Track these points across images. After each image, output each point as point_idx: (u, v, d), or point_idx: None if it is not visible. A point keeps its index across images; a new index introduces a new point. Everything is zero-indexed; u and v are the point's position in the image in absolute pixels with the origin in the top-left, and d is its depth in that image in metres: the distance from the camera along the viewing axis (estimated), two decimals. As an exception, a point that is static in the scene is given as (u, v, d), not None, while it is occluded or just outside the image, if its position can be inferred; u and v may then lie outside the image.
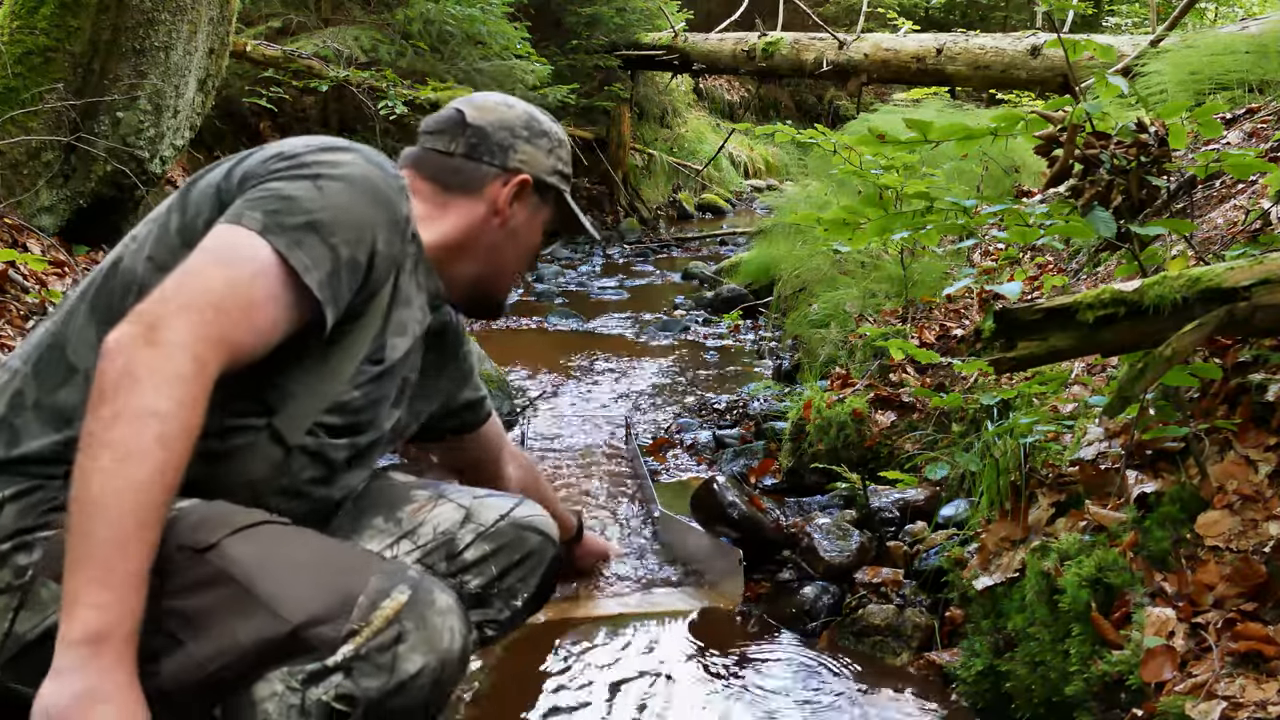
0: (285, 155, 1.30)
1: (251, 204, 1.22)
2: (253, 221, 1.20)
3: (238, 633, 1.12)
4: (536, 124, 1.61)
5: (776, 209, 6.74)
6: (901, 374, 3.11)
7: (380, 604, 1.15)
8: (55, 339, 1.30)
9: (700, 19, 10.87)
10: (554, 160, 1.62)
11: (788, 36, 8.75)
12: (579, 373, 4.55)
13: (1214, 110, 2.05)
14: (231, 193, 1.28)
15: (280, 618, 1.12)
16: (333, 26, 7.39)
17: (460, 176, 1.55)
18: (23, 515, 1.20)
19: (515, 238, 1.60)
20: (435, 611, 1.19)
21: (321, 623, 1.13)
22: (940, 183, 3.54)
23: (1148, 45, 5.06)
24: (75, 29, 3.83)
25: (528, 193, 1.58)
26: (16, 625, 1.17)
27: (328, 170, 1.27)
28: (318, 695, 1.12)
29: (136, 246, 1.32)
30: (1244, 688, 1.41)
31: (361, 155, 1.33)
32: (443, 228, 1.53)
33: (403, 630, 1.15)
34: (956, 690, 1.94)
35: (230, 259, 1.18)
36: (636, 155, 10.48)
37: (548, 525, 1.66)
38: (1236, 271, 1.62)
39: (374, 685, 1.13)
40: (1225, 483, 1.68)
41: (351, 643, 1.13)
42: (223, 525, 1.20)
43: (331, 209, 1.24)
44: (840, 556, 2.33)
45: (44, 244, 3.81)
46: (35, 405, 1.24)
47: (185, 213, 1.30)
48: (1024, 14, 14.91)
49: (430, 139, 1.57)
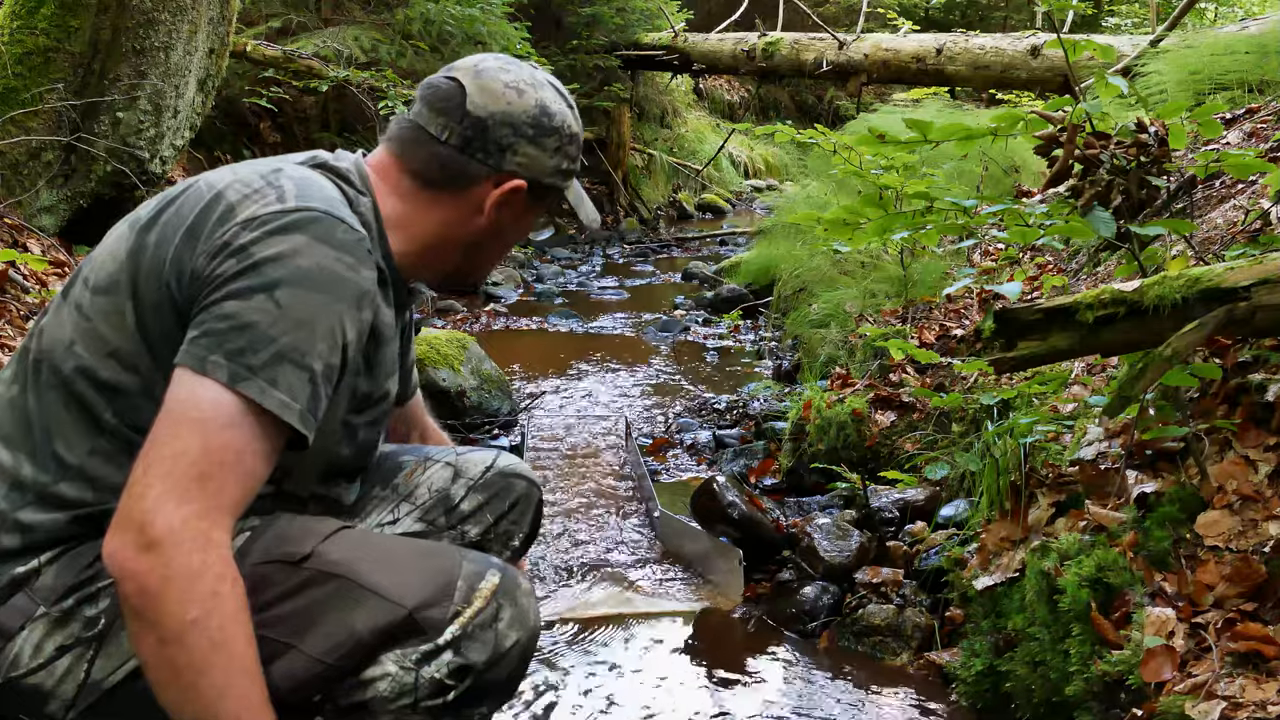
0: (231, 248, 1.18)
1: (211, 341, 1.14)
2: (218, 370, 1.13)
3: (355, 623, 1.19)
4: (546, 120, 1.42)
5: (776, 209, 6.75)
6: (901, 374, 3.11)
7: (477, 586, 1.24)
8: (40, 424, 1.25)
9: (700, 19, 10.87)
10: (559, 160, 1.45)
11: (788, 36, 8.75)
12: (579, 373, 4.55)
13: (1214, 110, 2.05)
14: (184, 294, 1.20)
15: (396, 604, 1.20)
16: (333, 26, 7.40)
17: (446, 173, 1.39)
18: (65, 572, 1.21)
19: (500, 236, 1.47)
20: (522, 592, 1.28)
21: (430, 605, 1.21)
22: (940, 183, 3.54)
23: (1148, 45, 5.06)
24: (75, 29, 3.83)
25: (520, 197, 1.43)
26: (93, 674, 1.20)
27: (281, 274, 1.16)
28: (431, 672, 1.20)
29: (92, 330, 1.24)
30: (1244, 688, 1.41)
31: (312, 232, 1.20)
32: (419, 228, 1.41)
33: (500, 608, 1.24)
34: (956, 690, 1.94)
35: (201, 420, 1.12)
36: (636, 155, 10.48)
37: (528, 470, 1.72)
38: (1236, 271, 1.62)
39: (480, 659, 1.22)
40: (1225, 483, 1.68)
41: (457, 622, 1.22)
42: (311, 535, 1.25)
43: (295, 325, 1.16)
44: (840, 556, 2.33)
45: (44, 244, 3.81)
46: (39, 498, 1.23)
47: (139, 304, 1.23)
48: (1024, 14, 14.91)
49: (425, 113, 1.40)
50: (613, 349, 5.02)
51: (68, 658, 1.20)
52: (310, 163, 1.35)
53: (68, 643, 1.20)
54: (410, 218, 1.40)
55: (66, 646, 1.20)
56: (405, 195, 1.40)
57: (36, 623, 1.20)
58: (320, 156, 1.38)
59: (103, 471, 1.23)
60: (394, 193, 1.39)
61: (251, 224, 1.19)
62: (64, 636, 1.20)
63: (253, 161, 1.35)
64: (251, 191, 1.24)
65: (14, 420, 1.27)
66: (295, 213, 1.21)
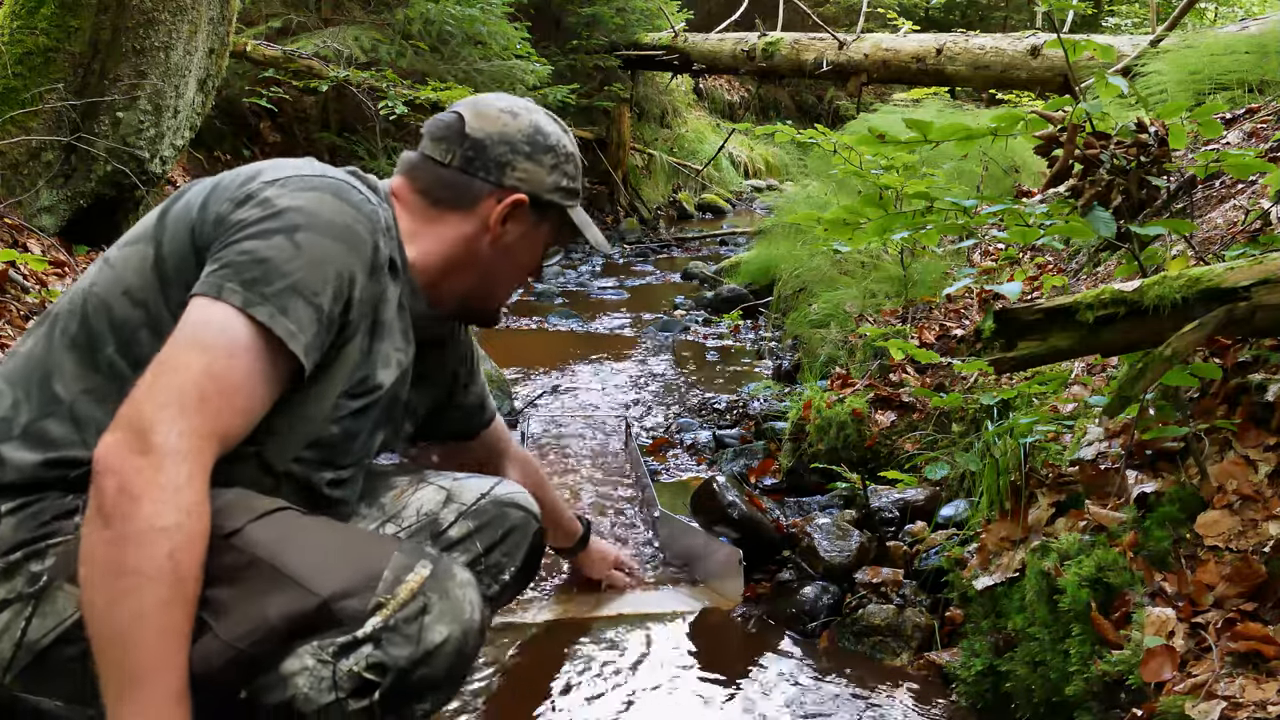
0: (256, 199, 1.27)
1: (228, 271, 1.21)
2: (233, 295, 1.19)
3: (267, 609, 1.16)
4: (540, 139, 1.53)
5: (776, 209, 6.75)
6: (901, 374, 3.11)
7: (404, 578, 1.20)
8: (41, 365, 1.30)
9: (700, 19, 10.87)
10: (557, 177, 1.55)
11: (788, 36, 8.75)
12: (579, 373, 4.55)
13: (1214, 110, 2.05)
14: (206, 235, 1.27)
15: (309, 592, 1.16)
16: (333, 26, 7.39)
17: (452, 191, 1.49)
18: (21, 527, 1.21)
19: (509, 255, 1.55)
20: (456, 585, 1.24)
21: (349, 596, 1.17)
22: (940, 183, 3.54)
23: (1148, 45, 5.06)
24: (75, 29, 3.83)
25: (523, 211, 1.52)
26: (29, 634, 1.19)
27: (301, 220, 1.25)
28: (348, 666, 1.16)
29: (113, 274, 1.32)
30: (1244, 688, 1.41)
31: (332, 191, 1.30)
32: (429, 245, 1.49)
33: (427, 602, 1.20)
34: (956, 690, 1.94)
35: (210, 343, 1.17)
36: (636, 155, 10.48)
37: (528, 501, 1.69)
38: (1236, 271, 1.62)
39: (403, 655, 1.17)
40: (1225, 483, 1.68)
41: (379, 615, 1.17)
42: (245, 511, 1.23)
43: (310, 264, 1.23)
44: (840, 556, 2.33)
45: (44, 244, 3.81)
46: (23, 433, 1.25)
47: (160, 246, 1.30)
48: (1024, 14, 14.91)
49: (430, 144, 1.52)
50: (613, 349, 5.02)
51: (7, 613, 1.18)
52: (342, 168, 1.45)
53: (9, 597, 1.19)
54: (420, 232, 1.49)
55: (7, 601, 1.19)
56: (417, 213, 1.50)
57: None
58: (349, 167, 1.48)
59: (89, 411, 1.24)
60: (408, 211, 1.50)
61: (277, 181, 1.30)
62: (6, 590, 1.19)
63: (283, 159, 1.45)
64: (275, 166, 1.35)
65: (21, 364, 1.32)
66: (319, 177, 1.32)
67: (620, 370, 4.61)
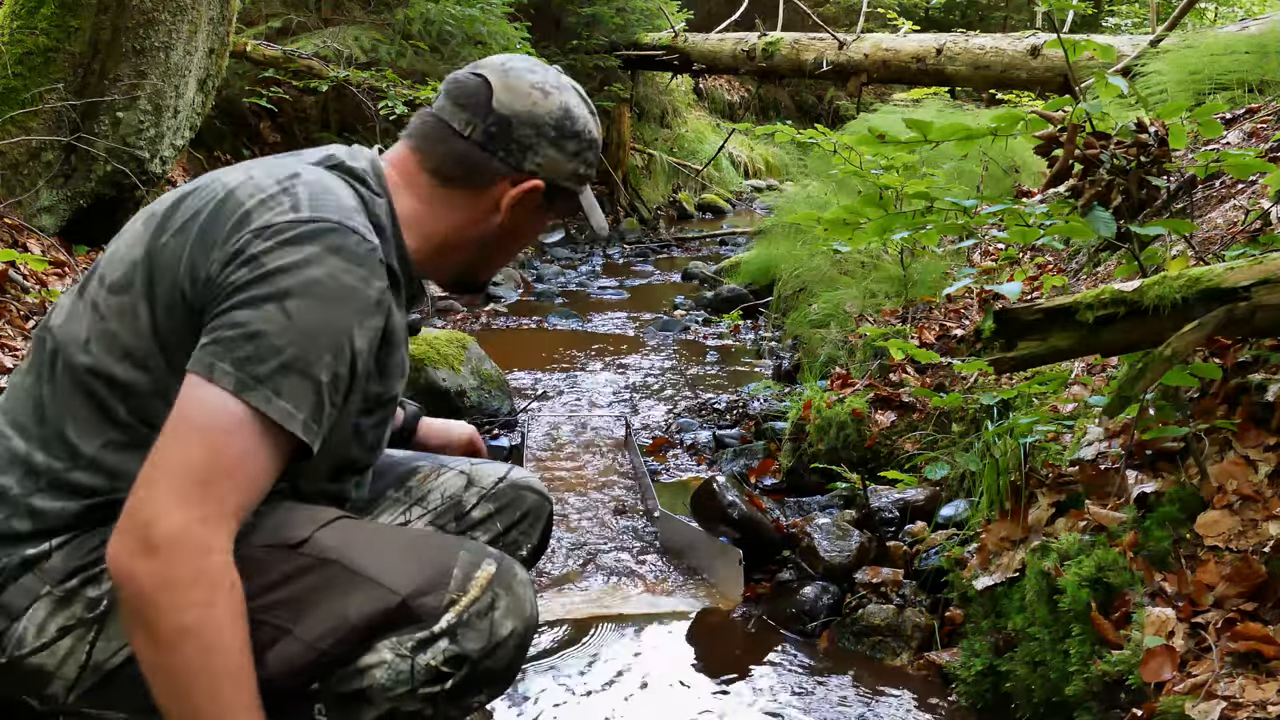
0: (244, 255, 1.18)
1: (219, 348, 1.15)
2: (225, 378, 1.14)
3: (348, 610, 1.20)
4: (569, 124, 1.43)
5: (776, 209, 6.74)
6: (901, 374, 3.11)
7: (473, 575, 1.25)
8: (52, 414, 1.26)
9: (700, 19, 10.87)
10: (577, 164, 1.46)
11: (788, 36, 8.75)
12: (579, 373, 4.55)
13: (1214, 110, 2.05)
14: (199, 298, 1.20)
15: (389, 591, 1.21)
16: (333, 26, 7.39)
17: (465, 168, 1.39)
18: (72, 555, 1.22)
19: (514, 235, 1.49)
20: (518, 582, 1.29)
21: (425, 593, 1.22)
22: (940, 183, 3.54)
23: (1148, 45, 5.06)
24: (75, 29, 3.83)
25: (536, 197, 1.43)
26: (94, 656, 1.21)
27: (291, 284, 1.17)
28: (426, 660, 1.21)
29: (105, 329, 1.25)
30: (1244, 688, 1.41)
31: (325, 244, 1.20)
32: (433, 227, 1.41)
33: (496, 597, 1.25)
34: (956, 690, 1.94)
35: (206, 426, 1.13)
36: (636, 155, 10.47)
37: (541, 486, 1.76)
38: (1236, 271, 1.62)
39: (476, 648, 1.23)
40: (1225, 483, 1.68)
41: (453, 610, 1.22)
42: (309, 522, 1.26)
43: (304, 336, 1.16)
44: (840, 556, 2.33)
45: (44, 244, 3.81)
46: (50, 485, 1.24)
47: (154, 308, 1.23)
48: (1024, 14, 14.90)
49: (449, 107, 1.40)
50: (613, 349, 5.02)
51: (70, 638, 1.20)
52: (326, 163, 1.35)
53: (70, 623, 1.20)
54: (427, 216, 1.41)
55: (69, 627, 1.20)
56: (423, 194, 1.41)
57: (41, 602, 1.21)
58: (336, 156, 1.37)
59: (115, 461, 1.24)
60: (411, 191, 1.41)
61: (265, 233, 1.20)
62: (66, 617, 1.21)
63: (268, 162, 1.34)
64: (266, 197, 1.24)
65: (28, 409, 1.28)
66: (308, 223, 1.21)
67: (620, 370, 4.61)
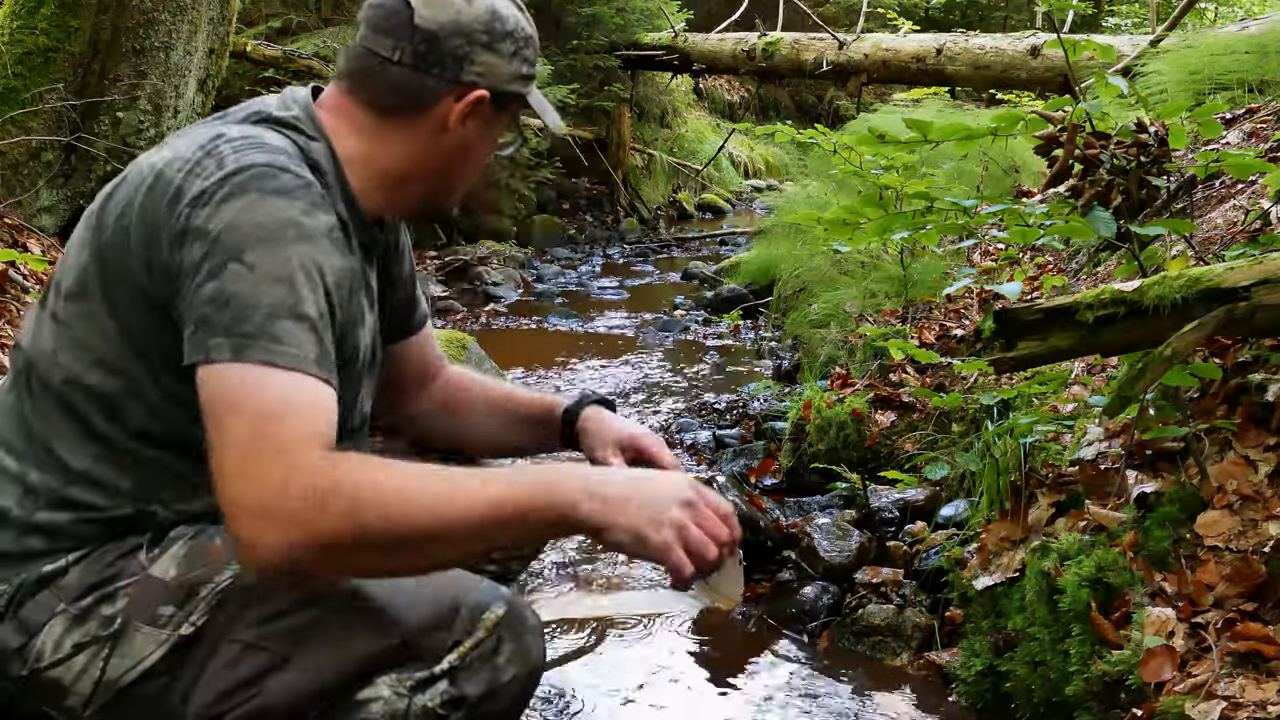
0: (191, 232, 1.15)
1: (206, 328, 1.12)
2: (221, 350, 1.10)
3: (349, 644, 1.17)
4: (499, 25, 1.35)
5: (776, 209, 6.75)
6: (901, 374, 3.11)
7: (480, 616, 1.21)
8: (39, 430, 1.25)
9: (700, 19, 10.87)
10: (517, 64, 1.37)
11: (788, 36, 8.75)
12: (579, 372, 4.55)
13: (1214, 110, 2.05)
14: (163, 293, 1.18)
15: (392, 627, 1.18)
16: (333, 26, 7.40)
17: (402, 95, 1.32)
18: (88, 571, 1.22)
19: (467, 154, 1.40)
20: (527, 628, 1.25)
21: (429, 632, 1.19)
22: (940, 183, 3.54)
23: (1148, 45, 5.06)
24: (75, 29, 3.83)
25: (484, 107, 1.35)
26: (108, 673, 1.20)
27: (239, 239, 1.14)
28: (424, 701, 1.18)
29: (72, 338, 1.23)
30: (1244, 688, 1.41)
31: (258, 188, 1.17)
32: (385, 162, 1.35)
33: (501, 641, 1.22)
34: (956, 690, 1.94)
35: (232, 402, 1.10)
36: (636, 155, 10.47)
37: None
38: (1236, 271, 1.62)
39: (476, 692, 1.20)
40: (1225, 483, 1.68)
41: (456, 652, 1.19)
42: None
43: (274, 282, 1.13)
44: (840, 556, 2.33)
45: (44, 244, 3.81)
46: (49, 504, 1.23)
47: (118, 313, 1.21)
48: (1024, 14, 14.90)
49: (370, 35, 1.33)
50: (613, 349, 5.03)
51: (84, 655, 1.20)
52: (253, 118, 1.29)
53: (85, 640, 1.20)
54: (374, 152, 1.34)
55: (83, 644, 1.20)
56: (364, 130, 1.34)
57: (57, 618, 1.20)
58: (263, 110, 1.31)
59: (107, 476, 1.23)
60: (352, 130, 1.34)
61: (199, 200, 1.16)
62: (81, 634, 1.20)
63: (191, 130, 1.30)
64: (192, 165, 1.20)
65: (14, 427, 1.27)
66: (235, 175, 1.17)
67: (620, 370, 4.61)
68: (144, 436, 1.22)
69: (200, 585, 1.20)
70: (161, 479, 1.24)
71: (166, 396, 1.22)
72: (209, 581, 1.20)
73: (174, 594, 1.20)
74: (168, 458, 1.24)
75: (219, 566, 1.21)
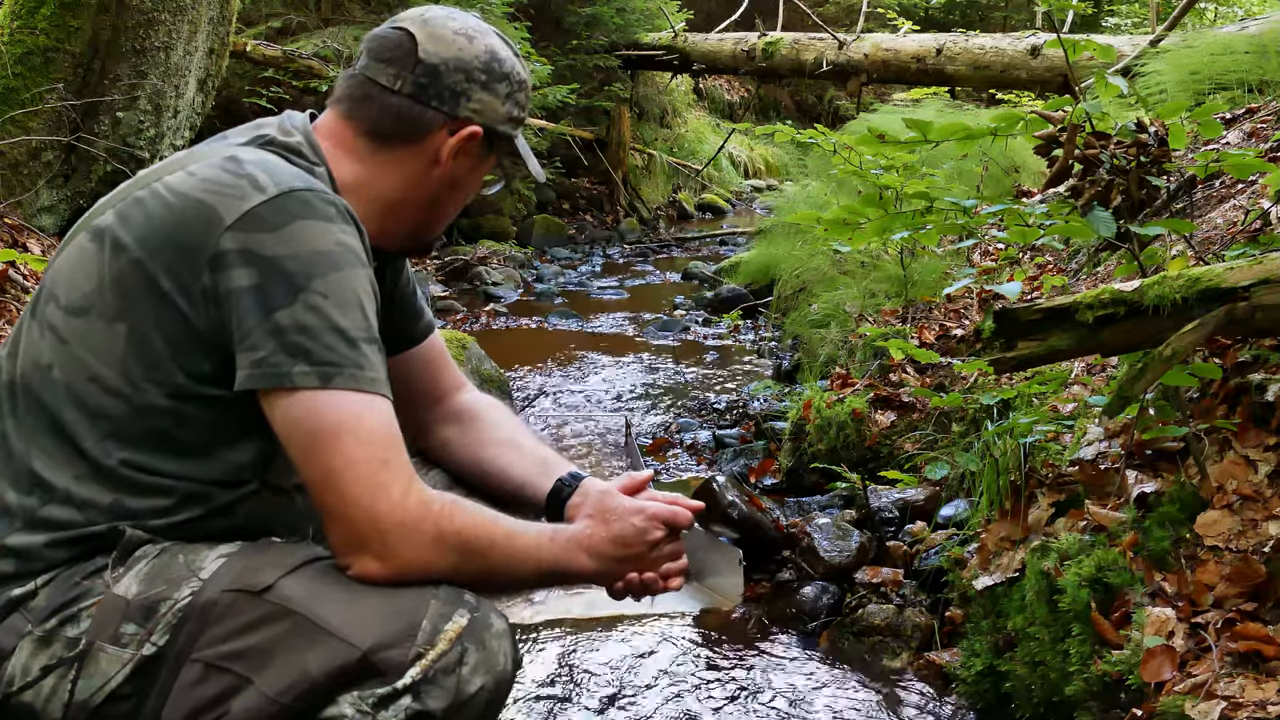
0: (235, 254, 1.18)
1: (281, 357, 1.16)
2: (306, 378, 1.17)
3: (309, 663, 1.15)
4: (497, 66, 1.40)
5: (776, 209, 6.75)
6: (901, 374, 3.11)
7: (442, 627, 1.19)
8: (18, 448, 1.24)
9: (700, 19, 10.87)
10: (510, 107, 1.43)
11: (788, 36, 8.76)
12: (579, 373, 4.55)
13: (1214, 110, 2.05)
14: (203, 317, 1.19)
15: (350, 644, 1.16)
16: (333, 26, 7.40)
17: (400, 124, 1.36)
18: (55, 592, 1.21)
19: (455, 188, 1.45)
20: (492, 635, 1.23)
21: (388, 647, 1.16)
22: (940, 183, 3.54)
23: (1148, 45, 5.06)
24: (75, 29, 3.83)
25: (475, 144, 1.40)
26: (76, 695, 1.19)
27: (299, 265, 1.18)
28: (388, 717, 1.16)
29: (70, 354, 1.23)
30: (1244, 687, 1.41)
31: (304, 214, 1.20)
32: (379, 189, 1.38)
33: (464, 652, 1.19)
34: (956, 690, 1.94)
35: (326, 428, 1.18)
36: (636, 155, 10.48)
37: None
38: (1236, 271, 1.62)
39: (440, 706, 1.17)
40: (1225, 483, 1.68)
41: (418, 665, 1.17)
42: (275, 566, 1.21)
43: (344, 309, 1.20)
44: (840, 556, 2.33)
45: (44, 244, 3.81)
46: (26, 525, 1.22)
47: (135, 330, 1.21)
48: (1024, 14, 14.91)
49: (373, 65, 1.37)
50: (613, 349, 5.02)
51: (52, 677, 1.19)
52: (258, 142, 1.31)
53: (51, 663, 1.19)
54: (369, 179, 1.38)
55: (50, 666, 1.19)
56: (361, 157, 1.38)
57: (24, 641, 1.19)
58: (265, 134, 1.33)
59: (87, 494, 1.22)
60: (348, 156, 1.37)
61: (245, 224, 1.19)
62: (48, 657, 1.19)
63: (197, 153, 1.30)
64: (222, 186, 1.21)
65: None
66: (279, 198, 1.20)
67: (620, 370, 4.61)
68: (133, 456, 1.22)
69: (160, 603, 1.18)
70: (141, 498, 1.23)
71: (174, 417, 1.22)
72: (169, 599, 1.18)
73: (135, 612, 1.18)
74: (152, 477, 1.23)
75: (178, 584, 1.19)
